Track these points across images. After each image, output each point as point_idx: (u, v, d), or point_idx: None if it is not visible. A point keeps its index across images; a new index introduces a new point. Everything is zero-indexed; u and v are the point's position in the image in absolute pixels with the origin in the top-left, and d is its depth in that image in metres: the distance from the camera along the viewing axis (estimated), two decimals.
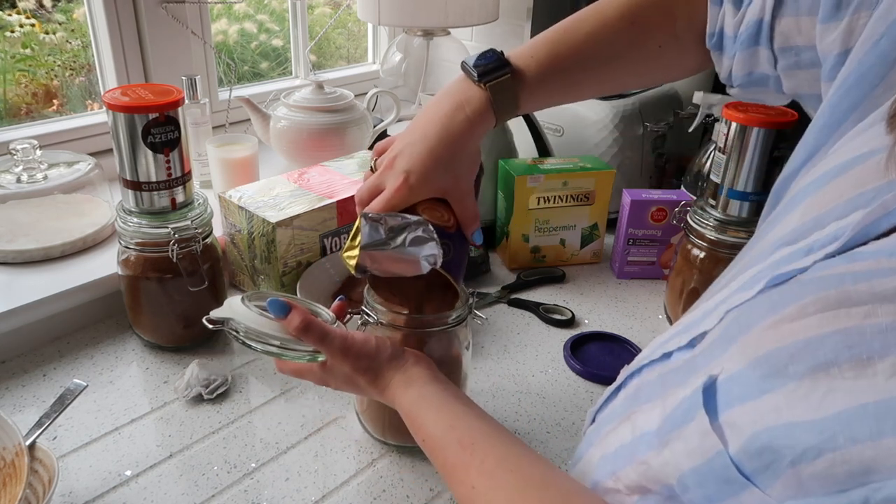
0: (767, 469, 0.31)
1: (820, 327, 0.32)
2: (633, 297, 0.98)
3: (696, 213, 0.86)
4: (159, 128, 0.72)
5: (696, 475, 0.36)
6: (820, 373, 0.31)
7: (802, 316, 0.34)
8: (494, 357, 0.84)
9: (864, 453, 0.28)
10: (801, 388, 0.31)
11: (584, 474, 0.48)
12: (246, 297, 0.57)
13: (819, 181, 0.42)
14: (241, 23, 1.57)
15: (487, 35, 1.46)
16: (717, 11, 0.58)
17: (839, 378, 0.30)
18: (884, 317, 0.30)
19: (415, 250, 0.57)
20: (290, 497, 0.63)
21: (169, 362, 0.81)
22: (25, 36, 1.14)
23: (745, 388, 0.34)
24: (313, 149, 1.16)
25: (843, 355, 0.30)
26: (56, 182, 0.93)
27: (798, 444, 0.30)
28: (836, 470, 0.28)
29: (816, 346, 0.32)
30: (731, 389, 0.35)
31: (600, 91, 0.66)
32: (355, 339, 0.55)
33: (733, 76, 0.59)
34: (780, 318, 0.35)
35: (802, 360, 0.32)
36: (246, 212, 0.86)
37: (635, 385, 0.48)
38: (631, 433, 0.44)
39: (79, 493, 0.63)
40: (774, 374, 0.33)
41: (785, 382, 0.32)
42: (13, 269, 0.87)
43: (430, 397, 0.53)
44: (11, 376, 0.78)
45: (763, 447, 0.32)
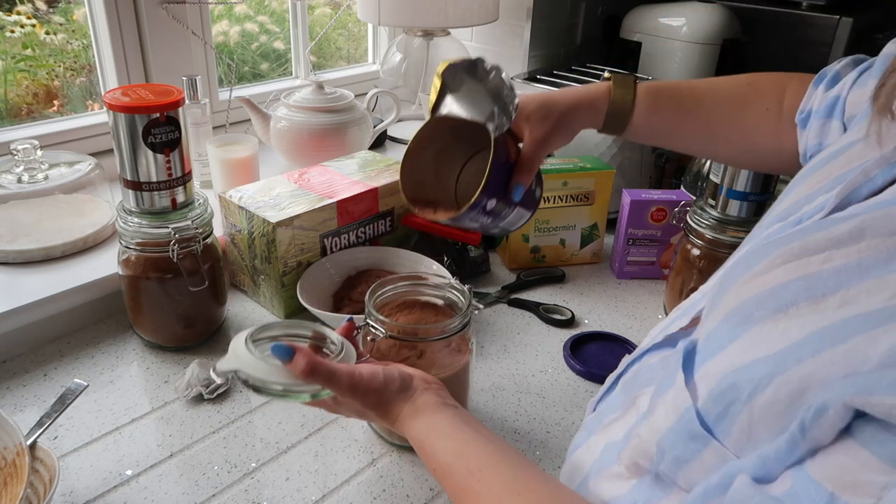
0: (726, 414, 0.34)
1: (784, 276, 0.35)
2: (633, 297, 0.98)
3: (695, 213, 0.86)
4: (160, 128, 0.72)
5: (670, 435, 0.38)
6: (779, 314, 0.34)
7: (770, 269, 0.37)
8: (494, 357, 0.84)
9: (804, 371, 0.30)
10: (763, 329, 0.34)
11: (583, 462, 0.49)
12: (250, 339, 0.56)
13: (812, 168, 0.45)
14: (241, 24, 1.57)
15: (487, 35, 1.46)
16: (812, 93, 0.64)
17: (796, 316, 0.33)
18: (838, 260, 0.33)
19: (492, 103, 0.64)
20: (291, 497, 0.63)
21: (169, 362, 0.81)
22: (26, 36, 1.15)
23: (718, 341, 0.37)
24: (313, 149, 1.16)
25: (801, 296, 0.33)
26: (57, 182, 0.94)
27: (755, 376, 0.33)
28: (781, 393, 0.31)
29: (780, 292, 0.35)
30: (706, 347, 0.38)
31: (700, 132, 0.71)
32: (362, 376, 0.55)
33: (808, 150, 0.63)
34: (752, 274, 0.38)
35: (766, 305, 0.35)
36: (246, 212, 0.87)
37: (634, 370, 0.50)
38: (636, 417, 0.45)
39: (79, 493, 0.63)
40: (742, 322, 0.36)
41: (750, 327, 0.35)
42: (14, 269, 0.87)
43: (437, 426, 0.53)
44: (12, 376, 0.78)
45: (727, 387, 0.34)
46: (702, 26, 1.31)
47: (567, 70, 1.32)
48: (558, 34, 1.46)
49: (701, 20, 1.31)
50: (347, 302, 0.87)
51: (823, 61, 1.25)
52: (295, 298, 0.84)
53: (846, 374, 0.29)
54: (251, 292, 0.93)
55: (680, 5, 1.36)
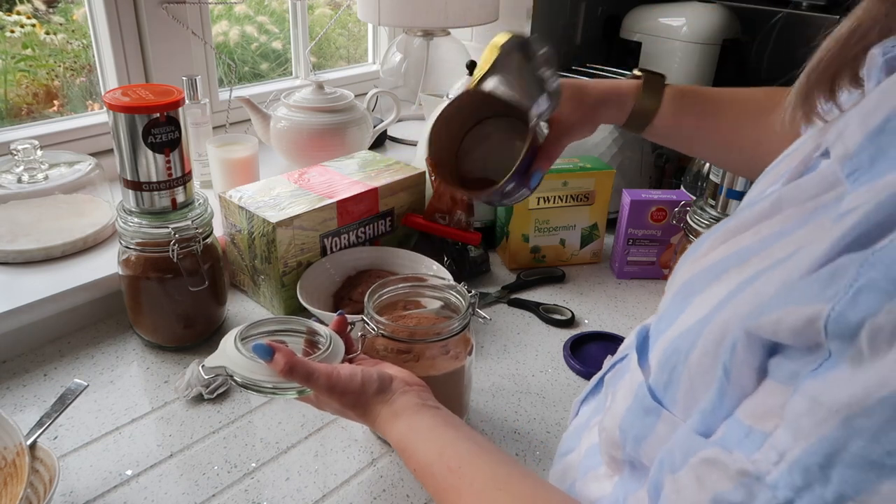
0: (671, 381, 0.36)
1: (722, 253, 0.38)
2: (633, 297, 0.98)
3: (695, 213, 0.86)
4: (160, 128, 0.72)
5: (628, 416, 0.40)
6: (714, 282, 0.36)
7: (711, 250, 0.40)
8: (494, 357, 0.84)
9: (724, 316, 0.33)
10: (702, 297, 0.36)
11: (571, 466, 0.49)
12: (239, 337, 0.58)
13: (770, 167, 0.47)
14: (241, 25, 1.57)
15: (487, 35, 1.45)
16: None
17: (725, 281, 0.36)
18: (765, 231, 0.36)
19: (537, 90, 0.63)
20: (291, 497, 0.63)
21: (169, 362, 0.81)
22: (26, 36, 1.15)
23: (667, 320, 0.39)
24: (313, 149, 1.16)
25: (732, 263, 0.36)
26: (57, 182, 0.94)
27: (690, 336, 0.35)
28: (708, 345, 0.33)
29: (717, 265, 0.38)
30: (657, 327, 0.40)
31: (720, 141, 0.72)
32: (340, 376, 0.55)
33: None
34: (696, 257, 0.41)
35: (705, 279, 0.37)
36: (246, 212, 0.87)
37: (616, 369, 0.50)
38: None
39: (79, 493, 0.63)
40: (685, 297, 0.38)
41: (691, 299, 0.37)
42: (14, 269, 0.87)
43: (418, 427, 0.53)
44: (12, 376, 0.78)
45: (671, 354, 0.37)
46: (702, 26, 1.31)
47: (567, 70, 1.32)
48: (558, 34, 1.46)
49: (701, 20, 1.31)
50: (347, 302, 0.87)
51: None
52: (295, 298, 0.84)
53: (750, 311, 0.31)
54: (251, 292, 0.93)
55: (680, 5, 1.36)
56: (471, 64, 1.12)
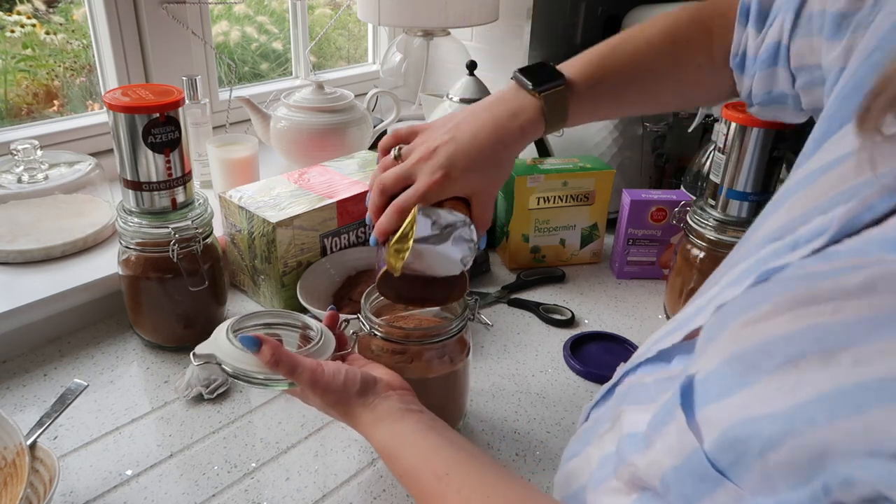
0: (739, 462, 0.33)
1: (791, 324, 0.33)
2: (633, 297, 0.98)
3: (695, 213, 0.86)
4: (160, 128, 0.72)
5: (676, 473, 0.36)
6: (789, 366, 0.32)
7: (775, 314, 0.35)
8: (494, 357, 0.84)
9: (821, 436, 0.29)
10: (772, 382, 0.32)
11: (578, 471, 0.48)
12: (230, 329, 0.59)
13: (805, 180, 0.43)
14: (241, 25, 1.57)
15: (487, 35, 1.46)
16: (741, 33, 0.61)
17: (807, 371, 0.31)
18: (849, 312, 0.31)
19: (457, 250, 0.58)
20: (291, 497, 0.63)
21: (169, 362, 0.81)
22: (26, 36, 1.15)
23: (721, 386, 0.35)
24: (313, 149, 1.16)
25: (811, 349, 0.31)
26: (57, 182, 0.94)
27: (764, 434, 0.31)
28: (798, 457, 0.30)
29: (787, 342, 0.33)
30: (707, 388, 0.36)
31: (642, 109, 0.70)
32: (324, 373, 0.55)
33: (753, 94, 0.62)
34: (754, 317, 0.36)
35: (774, 355, 0.33)
36: (246, 212, 0.87)
37: (628, 384, 0.49)
38: (619, 433, 0.44)
39: (80, 493, 0.63)
40: (748, 370, 0.34)
41: (758, 378, 0.33)
42: (14, 269, 0.87)
43: (402, 433, 0.52)
44: (12, 376, 0.78)
45: (735, 440, 0.33)
46: None
47: None
48: (558, 34, 1.46)
49: None
50: (347, 302, 0.87)
51: None
52: (295, 298, 0.84)
53: (870, 452, 0.27)
54: (251, 292, 0.93)
55: (680, 5, 1.36)
56: (471, 64, 1.12)
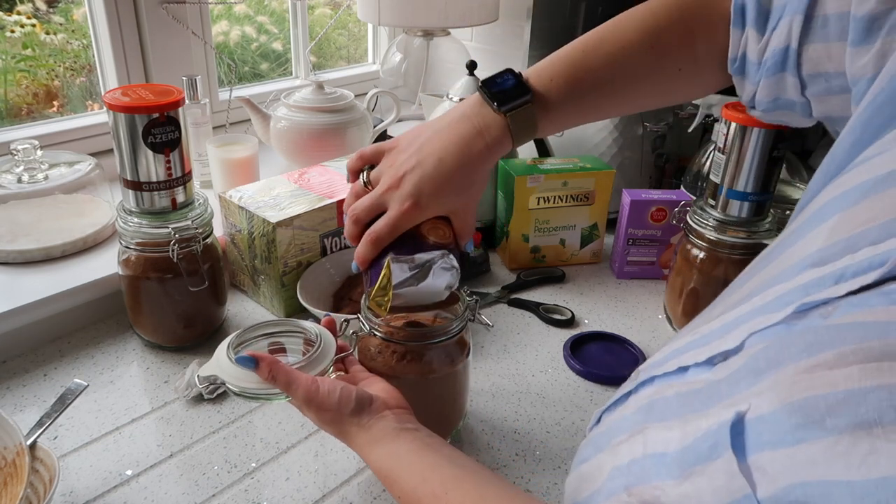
0: None
1: (861, 380, 0.31)
2: (633, 297, 0.98)
3: (695, 213, 0.86)
4: (160, 128, 0.72)
5: None
6: (861, 431, 0.29)
7: (842, 364, 0.32)
8: (494, 357, 0.84)
9: None
10: (839, 444, 0.30)
11: (590, 478, 0.47)
12: (231, 347, 0.59)
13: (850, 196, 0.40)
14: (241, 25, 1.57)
15: (487, 35, 1.46)
16: (739, 36, 0.57)
17: (882, 439, 0.29)
18: None
19: (440, 281, 0.58)
20: (291, 497, 0.63)
21: (169, 362, 0.81)
22: (26, 36, 1.15)
23: (778, 434, 0.33)
24: (313, 149, 1.16)
25: (887, 415, 0.29)
26: (57, 182, 0.94)
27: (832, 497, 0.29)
28: None
29: (858, 400, 0.30)
30: (761, 432, 0.34)
31: (619, 113, 0.66)
32: (318, 391, 0.55)
33: (757, 100, 0.58)
34: (817, 363, 0.33)
35: (842, 413, 0.30)
36: (246, 212, 0.87)
37: (649, 396, 0.47)
38: (643, 449, 0.42)
39: (79, 493, 0.63)
40: (811, 423, 0.31)
41: (823, 435, 0.31)
42: (14, 269, 0.87)
43: (397, 453, 0.52)
44: (12, 376, 0.78)
45: (797, 501, 0.30)
46: None
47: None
48: (558, 34, 1.46)
49: None
50: (347, 302, 0.87)
51: None
52: (295, 298, 0.84)
53: None
54: (251, 292, 0.93)
55: None
56: (471, 64, 1.12)
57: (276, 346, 0.65)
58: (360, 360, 0.67)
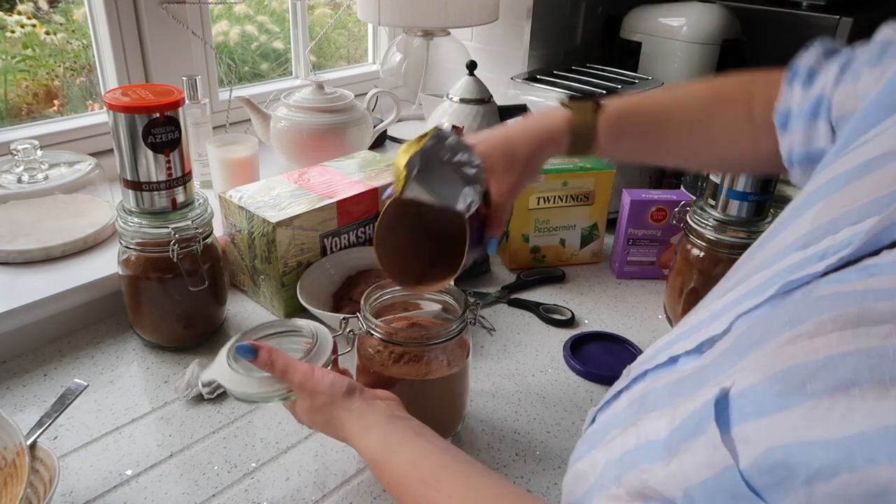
0: (779, 486, 0.31)
1: (840, 345, 0.32)
2: (633, 297, 0.98)
3: (695, 213, 0.86)
4: (160, 128, 0.72)
5: (704, 489, 0.35)
6: (839, 392, 0.30)
7: (821, 333, 0.33)
8: (494, 357, 0.84)
9: (882, 475, 0.27)
10: (819, 406, 0.31)
11: (585, 475, 0.48)
12: (230, 354, 0.61)
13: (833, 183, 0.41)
14: (241, 24, 1.57)
15: (487, 35, 1.46)
16: (788, 92, 0.61)
17: (859, 399, 0.30)
18: None
19: (460, 182, 0.60)
20: (291, 497, 0.64)
21: (169, 362, 0.81)
22: (26, 36, 1.15)
23: (761, 404, 0.34)
24: (313, 149, 1.16)
25: (863, 376, 0.30)
26: (57, 182, 0.94)
27: (814, 462, 0.30)
28: (851, 490, 0.28)
29: (836, 364, 0.31)
30: (744, 404, 0.35)
31: (671, 149, 0.70)
32: (313, 374, 0.56)
33: (794, 154, 0.61)
34: (798, 334, 0.34)
35: (821, 378, 0.31)
36: (246, 212, 0.87)
37: (641, 390, 0.48)
38: (636, 440, 0.43)
39: (79, 493, 0.63)
40: (792, 391, 0.32)
41: (803, 400, 0.31)
42: (14, 269, 0.87)
43: (389, 440, 0.52)
44: (12, 376, 0.78)
45: (777, 463, 0.31)
46: (702, 26, 1.31)
47: (567, 70, 1.32)
48: (558, 34, 1.46)
49: (701, 20, 1.31)
50: (347, 302, 0.88)
51: None
52: (295, 298, 0.84)
53: None
54: (251, 292, 0.93)
55: (680, 5, 1.36)
56: (471, 64, 1.12)
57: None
58: (359, 361, 0.67)
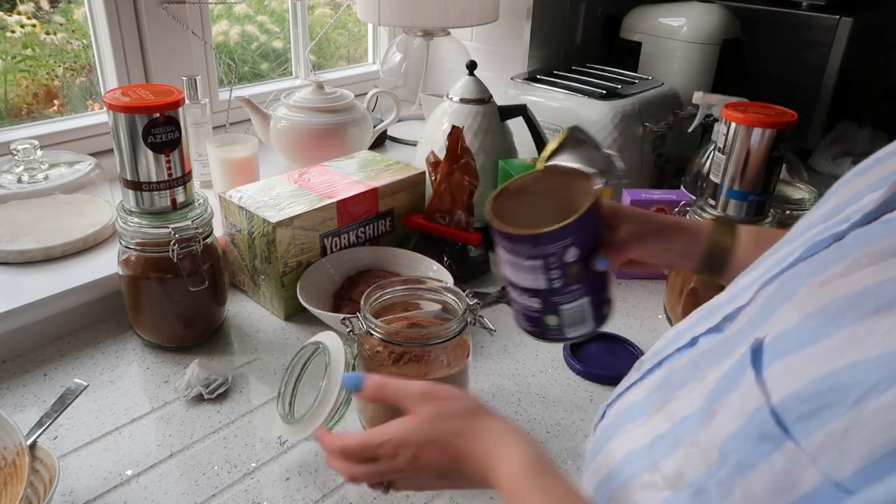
0: (818, 415, 0.31)
1: (876, 276, 0.33)
2: (633, 297, 0.98)
3: (695, 213, 0.86)
4: (160, 128, 0.72)
5: (736, 438, 0.36)
6: (881, 313, 0.31)
7: (855, 269, 0.34)
8: (494, 357, 0.84)
9: None
10: (862, 328, 0.32)
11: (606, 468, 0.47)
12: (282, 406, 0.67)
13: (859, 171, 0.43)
14: (241, 24, 1.57)
15: (487, 35, 1.46)
16: None
17: None
18: None
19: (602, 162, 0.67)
20: (290, 497, 0.63)
21: (169, 362, 0.81)
22: (26, 36, 1.15)
23: (797, 340, 0.34)
24: (313, 149, 1.16)
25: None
26: (57, 182, 0.94)
27: (867, 379, 0.30)
28: None
29: (876, 291, 0.32)
30: (778, 345, 0.35)
31: None
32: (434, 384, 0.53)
33: None
34: (830, 276, 0.35)
35: (862, 304, 0.32)
36: (246, 212, 0.87)
37: (661, 376, 0.47)
38: (669, 423, 0.43)
39: (79, 493, 0.63)
40: (830, 321, 0.33)
41: (844, 325, 0.32)
42: (14, 269, 0.87)
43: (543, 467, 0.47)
44: (12, 376, 0.78)
45: (825, 390, 0.32)
46: (702, 26, 1.31)
47: (567, 70, 1.32)
48: (558, 34, 1.46)
49: (701, 20, 1.31)
50: (347, 302, 0.88)
51: (823, 61, 1.25)
52: (295, 298, 0.84)
53: None
54: (251, 292, 0.93)
55: (680, 5, 1.36)
56: (471, 64, 1.12)
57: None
58: (359, 361, 0.67)
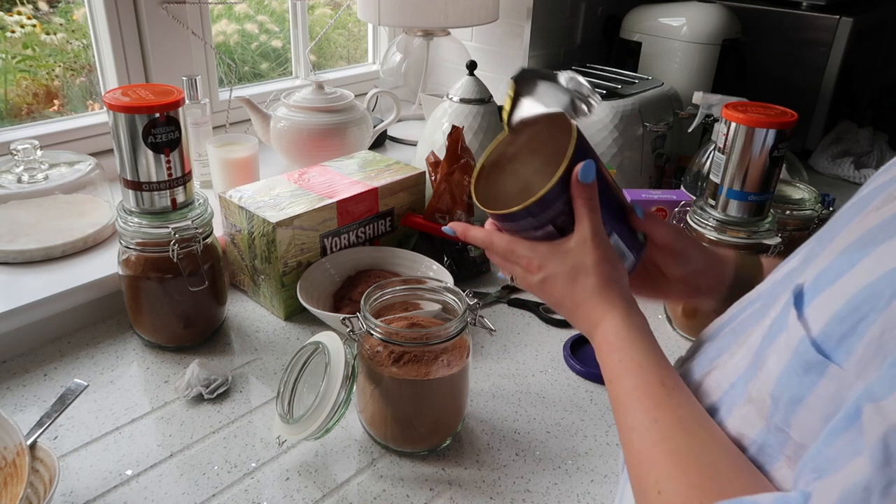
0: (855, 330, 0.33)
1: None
2: None
3: (695, 213, 0.86)
4: (160, 128, 0.72)
5: (784, 378, 0.36)
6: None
7: (888, 202, 0.36)
8: (494, 357, 0.84)
9: None
10: (891, 245, 0.33)
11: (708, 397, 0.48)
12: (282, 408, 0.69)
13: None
14: (241, 24, 1.57)
15: (487, 35, 1.46)
16: None
17: None
18: None
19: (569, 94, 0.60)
20: (290, 497, 0.64)
21: (169, 362, 0.81)
22: (26, 36, 1.15)
23: (835, 273, 0.36)
24: (313, 149, 1.16)
25: None
26: (57, 182, 0.94)
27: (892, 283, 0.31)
28: None
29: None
30: (819, 284, 0.37)
31: None
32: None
33: None
34: (864, 214, 0.37)
35: (890, 226, 0.34)
36: (246, 212, 0.87)
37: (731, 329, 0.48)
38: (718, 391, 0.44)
39: (80, 493, 0.63)
40: (866, 246, 0.34)
41: (874, 248, 0.34)
42: (14, 269, 0.87)
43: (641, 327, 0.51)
44: (12, 376, 0.78)
45: (860, 303, 0.33)
46: (702, 26, 1.31)
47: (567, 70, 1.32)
48: (558, 34, 1.46)
49: (701, 20, 1.31)
50: (347, 302, 0.88)
51: (823, 61, 1.25)
52: (295, 298, 0.84)
53: None
54: (251, 292, 0.93)
55: (680, 5, 1.36)
56: (471, 64, 1.12)
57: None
58: (359, 361, 0.67)
